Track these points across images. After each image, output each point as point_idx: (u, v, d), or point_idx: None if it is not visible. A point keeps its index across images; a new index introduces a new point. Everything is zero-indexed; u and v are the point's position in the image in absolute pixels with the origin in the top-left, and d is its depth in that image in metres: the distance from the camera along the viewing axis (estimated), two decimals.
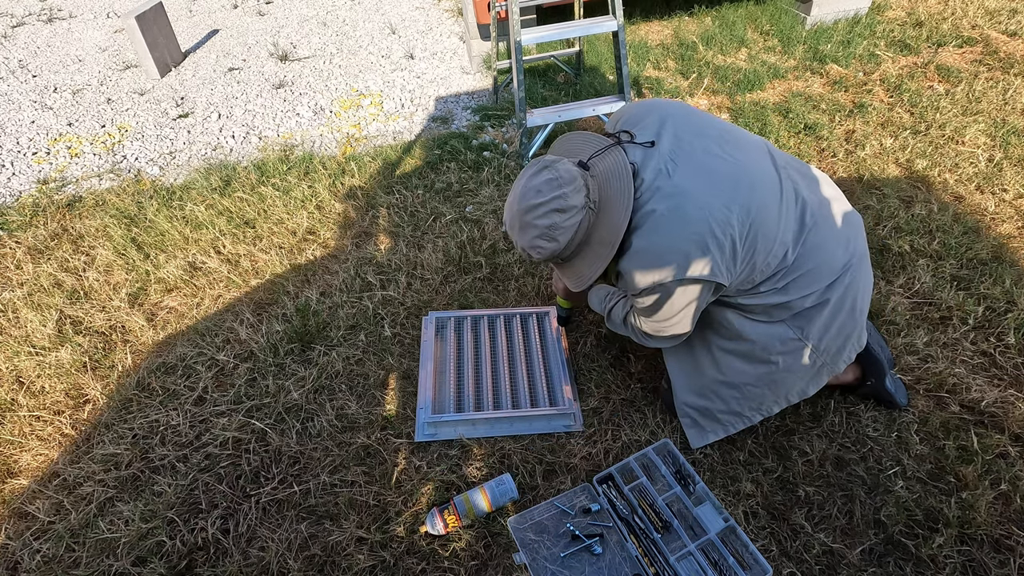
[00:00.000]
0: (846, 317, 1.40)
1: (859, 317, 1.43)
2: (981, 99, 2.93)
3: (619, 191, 1.24)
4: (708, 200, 1.22)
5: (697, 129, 1.30)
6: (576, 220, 1.24)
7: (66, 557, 1.50)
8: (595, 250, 1.28)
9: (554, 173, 1.23)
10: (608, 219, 1.25)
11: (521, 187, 1.27)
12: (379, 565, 1.44)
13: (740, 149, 1.30)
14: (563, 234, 1.25)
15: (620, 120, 1.39)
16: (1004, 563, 1.36)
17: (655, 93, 3.29)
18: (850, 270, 1.38)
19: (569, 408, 1.71)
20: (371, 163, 2.94)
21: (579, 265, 1.33)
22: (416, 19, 4.76)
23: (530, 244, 1.27)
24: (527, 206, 1.24)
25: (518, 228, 1.28)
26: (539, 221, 1.24)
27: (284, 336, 2.03)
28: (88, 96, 3.92)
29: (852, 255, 1.39)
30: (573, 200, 1.23)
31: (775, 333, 1.41)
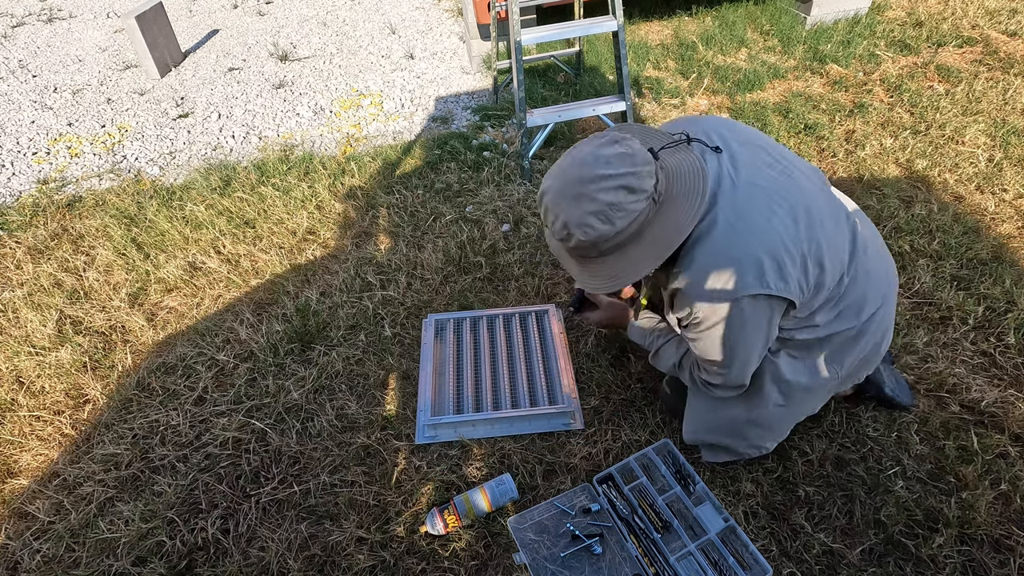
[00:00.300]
0: (872, 351, 1.36)
1: (882, 351, 1.40)
2: (981, 99, 2.93)
3: (689, 190, 1.09)
4: (774, 211, 1.11)
5: (754, 142, 1.22)
6: (640, 207, 1.06)
7: (66, 557, 1.50)
8: (645, 249, 1.10)
9: (628, 148, 1.07)
10: (670, 217, 1.09)
11: (585, 153, 1.08)
12: (379, 565, 1.44)
13: (794, 166, 1.23)
14: (623, 218, 1.06)
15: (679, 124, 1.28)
16: (1004, 563, 1.36)
17: (655, 93, 3.29)
18: (887, 302, 1.34)
19: (569, 406, 1.71)
20: (371, 163, 2.94)
21: (618, 263, 1.13)
22: (416, 19, 4.76)
23: (579, 220, 1.07)
24: (592, 175, 1.05)
25: (570, 198, 1.07)
26: (602, 195, 1.04)
27: (284, 336, 2.03)
28: (88, 96, 3.92)
29: (890, 286, 1.35)
30: (645, 183, 1.06)
31: (814, 369, 1.34)
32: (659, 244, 1.10)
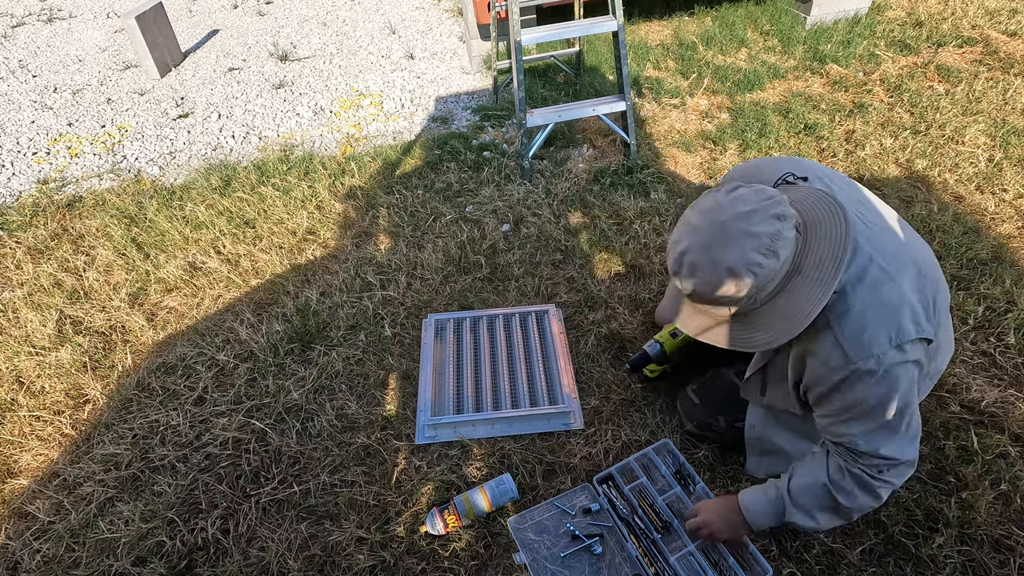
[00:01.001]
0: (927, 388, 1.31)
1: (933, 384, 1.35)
2: (981, 99, 2.93)
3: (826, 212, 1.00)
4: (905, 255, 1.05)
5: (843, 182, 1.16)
6: (793, 235, 0.97)
7: (66, 557, 1.50)
8: (810, 279, 0.98)
9: (751, 187, 0.99)
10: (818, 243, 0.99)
11: (711, 204, 1.00)
12: (379, 565, 1.44)
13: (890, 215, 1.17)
14: (784, 247, 0.96)
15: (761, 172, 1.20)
16: (1004, 563, 1.36)
17: (655, 93, 3.29)
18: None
19: (568, 406, 1.71)
20: (371, 163, 2.94)
21: (768, 319, 1.01)
22: (416, 19, 4.76)
23: (744, 260, 0.95)
24: (737, 213, 0.96)
25: (721, 245, 0.96)
26: (757, 228, 0.94)
27: (284, 336, 2.03)
28: (88, 96, 3.92)
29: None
30: (787, 209, 0.97)
31: None
32: (824, 267, 0.97)
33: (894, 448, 1.05)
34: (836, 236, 0.98)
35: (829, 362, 1.02)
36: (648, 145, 2.90)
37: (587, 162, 2.82)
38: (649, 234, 2.33)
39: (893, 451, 1.05)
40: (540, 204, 2.55)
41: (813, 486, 1.14)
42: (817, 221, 1.00)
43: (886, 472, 1.07)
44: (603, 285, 2.15)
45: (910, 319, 1.00)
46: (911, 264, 1.06)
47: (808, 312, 0.98)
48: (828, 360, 1.02)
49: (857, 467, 1.08)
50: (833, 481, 1.11)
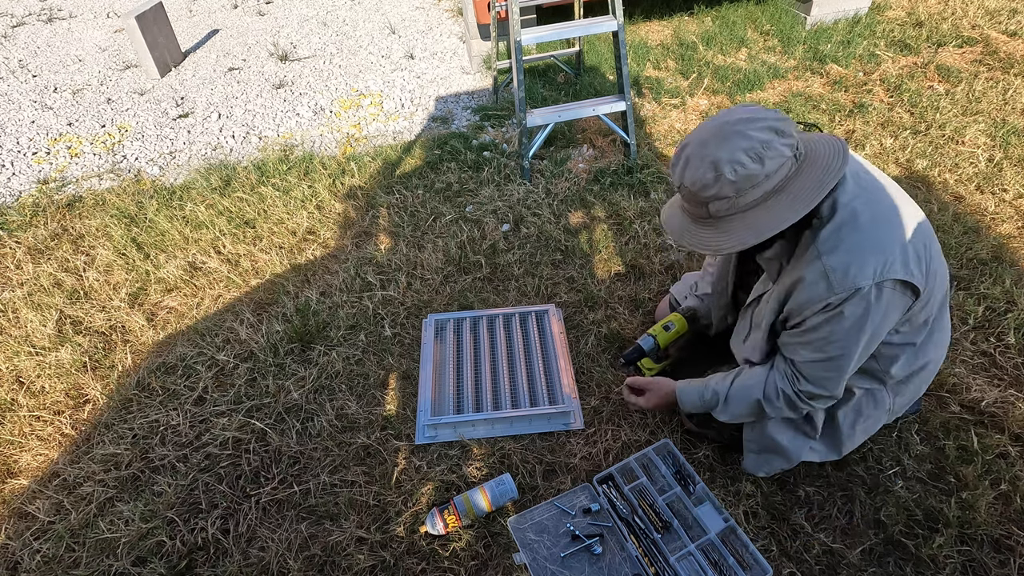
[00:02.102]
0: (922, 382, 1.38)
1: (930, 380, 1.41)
2: (981, 99, 2.93)
3: (829, 152, 1.08)
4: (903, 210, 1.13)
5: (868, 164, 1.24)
6: (788, 154, 1.05)
7: (66, 557, 1.50)
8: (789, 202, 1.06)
9: (762, 109, 1.08)
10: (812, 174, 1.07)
11: (724, 112, 1.10)
12: (379, 565, 1.45)
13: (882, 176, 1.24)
14: (773, 159, 1.04)
15: None
16: (1004, 563, 1.36)
17: (655, 93, 3.29)
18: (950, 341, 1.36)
19: (569, 406, 1.71)
20: (371, 163, 2.94)
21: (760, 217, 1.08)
22: (416, 19, 4.76)
23: (730, 157, 1.04)
24: (740, 118, 1.06)
25: (718, 139, 1.06)
26: (753, 132, 1.04)
27: (284, 336, 2.03)
28: (88, 96, 3.92)
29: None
30: (790, 128, 1.06)
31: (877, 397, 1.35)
32: (802, 199, 1.06)
33: (831, 385, 1.20)
34: (829, 168, 1.06)
35: (813, 291, 1.11)
36: (648, 145, 2.90)
37: (587, 162, 2.82)
38: (649, 234, 2.33)
39: (829, 388, 1.21)
40: (540, 204, 2.55)
41: (747, 399, 1.32)
42: (816, 155, 1.08)
43: (815, 401, 1.24)
44: (603, 285, 2.15)
45: (899, 259, 1.07)
46: (911, 219, 1.12)
47: (772, 228, 1.06)
48: (812, 289, 1.11)
49: (793, 389, 1.24)
50: (767, 398, 1.28)
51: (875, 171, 1.22)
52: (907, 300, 1.14)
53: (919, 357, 1.31)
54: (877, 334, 1.16)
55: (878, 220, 1.09)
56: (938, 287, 1.21)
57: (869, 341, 1.15)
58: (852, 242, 1.08)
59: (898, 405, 1.40)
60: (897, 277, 1.07)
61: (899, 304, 1.13)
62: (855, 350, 1.16)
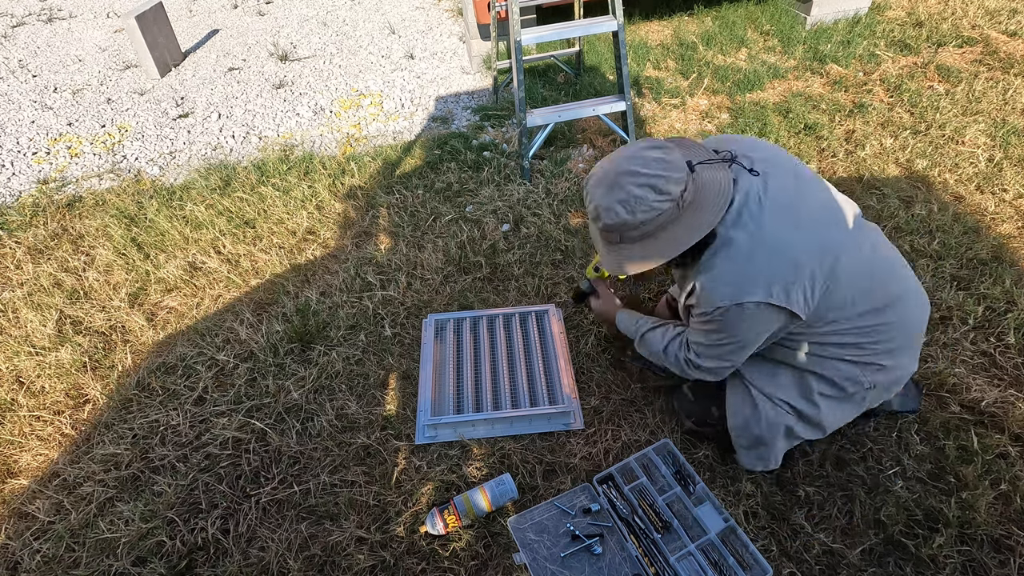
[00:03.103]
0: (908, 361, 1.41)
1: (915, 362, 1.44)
2: (981, 99, 2.93)
3: (712, 203, 1.22)
4: (792, 237, 1.22)
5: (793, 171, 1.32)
6: (663, 207, 1.21)
7: (66, 557, 1.50)
8: (659, 245, 1.26)
9: (666, 155, 1.22)
10: (687, 224, 1.23)
11: (631, 152, 1.25)
12: (379, 565, 1.45)
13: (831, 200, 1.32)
14: (644, 213, 1.22)
15: (725, 141, 1.39)
16: (1004, 563, 1.36)
17: (655, 93, 3.29)
18: (922, 326, 1.40)
19: (569, 406, 1.71)
20: (371, 163, 2.94)
21: (632, 251, 1.30)
22: (416, 19, 4.76)
23: (608, 205, 1.24)
24: (629, 169, 1.22)
25: (607, 184, 1.24)
26: (632, 188, 1.21)
27: (284, 336, 2.03)
28: (88, 96, 3.92)
29: (924, 310, 1.40)
30: (671, 187, 1.20)
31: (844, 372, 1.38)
32: (674, 243, 1.24)
33: (708, 362, 1.40)
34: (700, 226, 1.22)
35: (699, 297, 1.32)
36: None
37: (587, 162, 2.82)
38: None
39: (707, 364, 1.40)
40: (540, 204, 2.55)
41: (654, 345, 1.54)
42: (702, 203, 1.23)
43: (698, 371, 1.44)
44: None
45: (761, 287, 1.22)
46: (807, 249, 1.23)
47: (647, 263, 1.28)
48: (698, 295, 1.31)
49: (684, 356, 1.45)
50: (666, 352, 1.50)
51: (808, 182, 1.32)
52: (779, 317, 1.26)
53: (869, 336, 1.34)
54: (748, 339, 1.31)
55: (754, 253, 1.22)
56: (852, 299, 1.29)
57: (742, 343, 1.32)
58: (721, 269, 1.25)
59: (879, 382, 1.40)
60: (755, 300, 1.22)
61: (767, 319, 1.26)
62: (731, 347, 1.33)
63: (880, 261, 1.35)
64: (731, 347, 1.34)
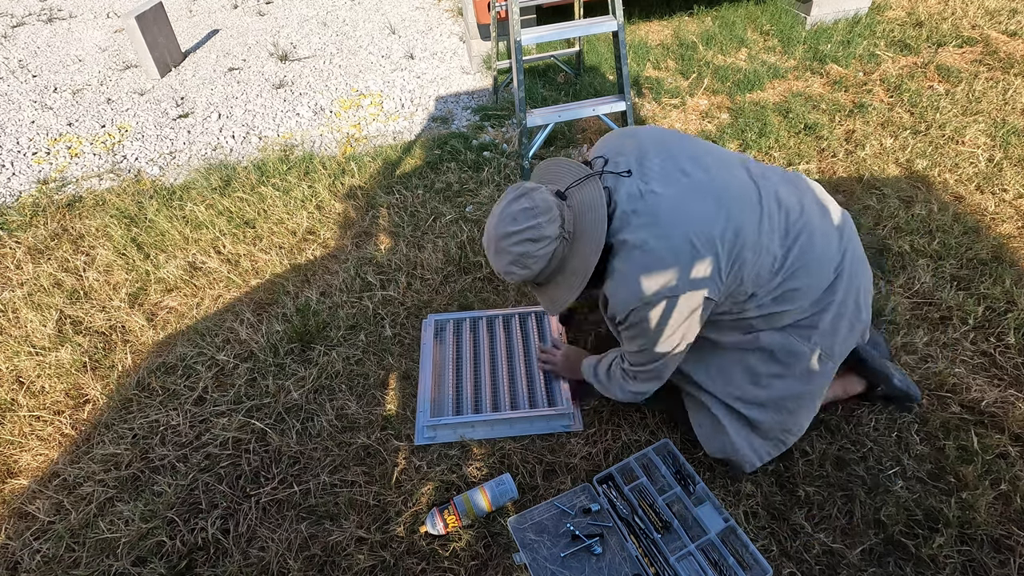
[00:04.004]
0: (851, 315, 1.40)
1: (865, 315, 1.43)
2: (981, 99, 2.93)
3: (592, 223, 1.26)
4: (685, 217, 1.24)
5: (671, 151, 1.32)
6: (549, 250, 1.26)
7: (66, 557, 1.50)
8: (568, 279, 1.31)
9: (530, 202, 1.26)
10: (581, 249, 1.27)
11: (499, 212, 1.29)
12: (379, 565, 1.45)
13: (715, 165, 1.32)
14: (536, 263, 1.27)
15: (599, 148, 1.41)
16: (1004, 563, 1.36)
17: (655, 93, 3.29)
18: (844, 271, 1.37)
19: (568, 408, 1.71)
20: (371, 163, 2.94)
21: (552, 291, 1.36)
22: (416, 19, 4.76)
23: (504, 269, 1.31)
24: (502, 233, 1.27)
25: (493, 252, 1.32)
26: (513, 248, 1.26)
27: (284, 336, 2.03)
28: (88, 96, 3.92)
29: (844, 254, 1.38)
30: (547, 230, 1.25)
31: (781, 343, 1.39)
32: (576, 274, 1.29)
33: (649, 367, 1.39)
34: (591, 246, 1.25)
35: (612, 307, 1.34)
36: None
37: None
38: None
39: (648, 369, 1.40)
40: None
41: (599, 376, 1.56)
42: (584, 230, 1.27)
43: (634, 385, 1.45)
44: None
45: (662, 280, 1.23)
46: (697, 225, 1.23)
47: (566, 299, 1.32)
48: (611, 306, 1.34)
49: (622, 367, 1.47)
50: (610, 377, 1.51)
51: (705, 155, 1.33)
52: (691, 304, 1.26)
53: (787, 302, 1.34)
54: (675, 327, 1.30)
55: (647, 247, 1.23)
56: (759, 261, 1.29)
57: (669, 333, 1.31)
58: (621, 272, 1.27)
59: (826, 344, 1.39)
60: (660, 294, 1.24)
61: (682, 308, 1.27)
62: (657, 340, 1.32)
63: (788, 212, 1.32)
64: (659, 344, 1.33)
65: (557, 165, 1.41)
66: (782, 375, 1.42)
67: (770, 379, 1.43)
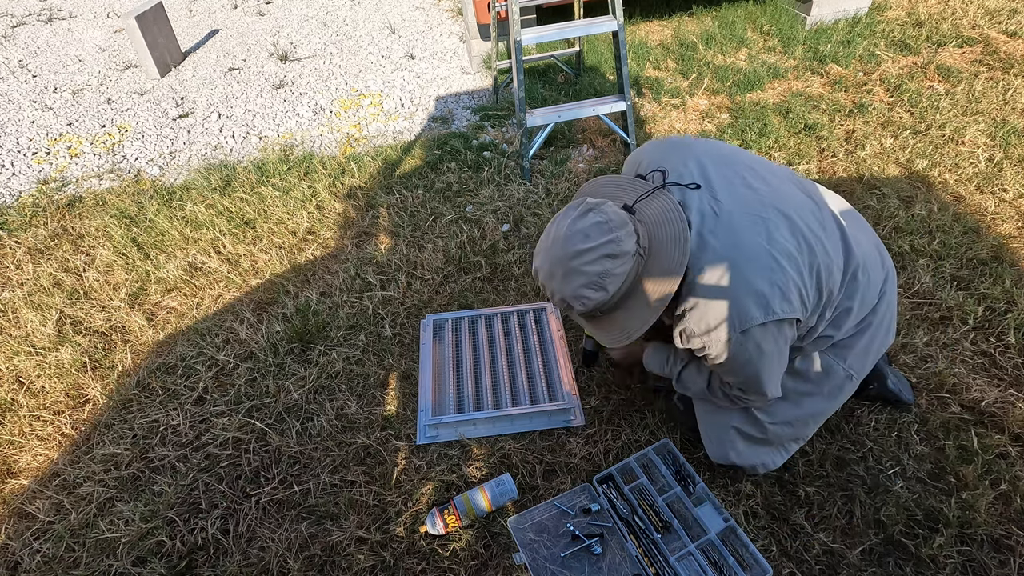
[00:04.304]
0: (883, 336, 1.40)
1: (892, 336, 1.43)
2: (981, 99, 2.93)
3: (673, 238, 1.13)
4: (763, 232, 1.14)
5: (728, 161, 1.24)
6: (627, 268, 1.12)
7: (66, 557, 1.50)
8: (643, 301, 1.16)
9: (602, 216, 1.12)
10: (659, 267, 1.14)
11: (565, 230, 1.13)
12: (379, 565, 1.45)
13: (773, 178, 1.25)
14: (613, 282, 1.13)
15: (645, 161, 1.30)
16: (1004, 563, 1.36)
17: (655, 93, 3.29)
18: (887, 292, 1.37)
19: (569, 403, 1.71)
20: (371, 163, 2.94)
21: (622, 318, 1.20)
22: (416, 19, 4.76)
23: (575, 294, 1.14)
24: (574, 251, 1.11)
25: (560, 276, 1.14)
26: (588, 268, 1.11)
27: (284, 336, 2.03)
28: (88, 96, 3.92)
29: (887, 272, 1.38)
30: (625, 245, 1.11)
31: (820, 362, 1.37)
32: (656, 294, 1.15)
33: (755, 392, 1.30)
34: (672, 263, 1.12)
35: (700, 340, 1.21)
36: None
37: (587, 162, 2.82)
38: None
39: (755, 393, 1.30)
40: (540, 204, 2.55)
41: (696, 382, 1.43)
42: (663, 245, 1.14)
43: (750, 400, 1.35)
44: None
45: (755, 305, 1.12)
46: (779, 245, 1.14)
47: (636, 330, 1.18)
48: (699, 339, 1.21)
49: (729, 392, 1.36)
50: (711, 390, 1.41)
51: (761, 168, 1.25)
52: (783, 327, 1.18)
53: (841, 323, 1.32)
54: (774, 355, 1.21)
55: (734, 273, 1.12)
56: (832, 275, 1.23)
57: (770, 362, 1.22)
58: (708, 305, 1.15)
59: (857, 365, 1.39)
60: (758, 323, 1.13)
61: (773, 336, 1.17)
62: (760, 372, 1.23)
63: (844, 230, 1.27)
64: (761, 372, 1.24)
65: (610, 180, 1.29)
66: (811, 393, 1.40)
67: (799, 397, 1.40)
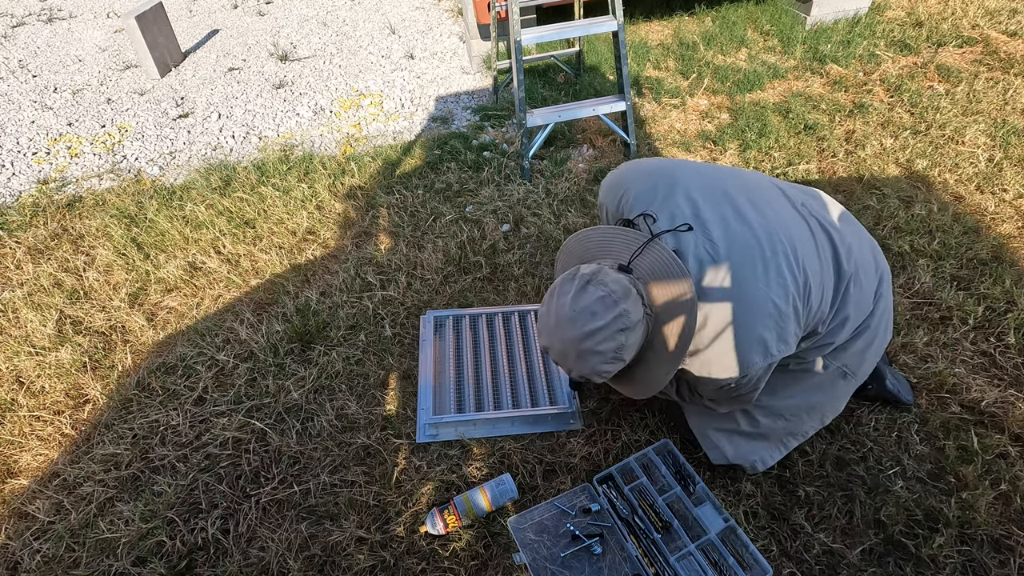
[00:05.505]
0: (882, 336, 1.42)
1: (889, 335, 1.45)
2: (981, 99, 2.93)
3: (678, 293, 1.13)
4: (761, 273, 1.14)
5: (715, 189, 1.23)
6: (640, 335, 1.13)
7: (66, 557, 1.50)
8: (660, 355, 1.18)
9: (603, 289, 1.09)
10: (670, 322, 1.14)
11: (568, 309, 1.10)
12: (379, 565, 1.45)
13: (762, 202, 1.25)
14: (629, 352, 1.13)
15: (631, 195, 1.27)
16: (1004, 563, 1.36)
17: (655, 93, 3.29)
18: (883, 294, 1.38)
19: (570, 406, 1.71)
20: (371, 163, 2.94)
21: (642, 373, 1.22)
22: (416, 19, 4.76)
23: (593, 371, 1.14)
24: (584, 332, 1.09)
25: (574, 357, 1.13)
26: (603, 346, 1.10)
27: (284, 336, 2.03)
28: (88, 96, 3.92)
29: (881, 274, 1.39)
30: (635, 315, 1.10)
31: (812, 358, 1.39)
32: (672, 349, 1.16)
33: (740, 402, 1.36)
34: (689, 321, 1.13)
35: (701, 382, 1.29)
36: (648, 145, 2.90)
37: (587, 162, 2.82)
38: None
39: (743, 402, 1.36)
40: (540, 204, 2.55)
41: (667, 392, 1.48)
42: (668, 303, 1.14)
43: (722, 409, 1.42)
44: None
45: (757, 352, 1.16)
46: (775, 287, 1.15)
47: (659, 383, 1.22)
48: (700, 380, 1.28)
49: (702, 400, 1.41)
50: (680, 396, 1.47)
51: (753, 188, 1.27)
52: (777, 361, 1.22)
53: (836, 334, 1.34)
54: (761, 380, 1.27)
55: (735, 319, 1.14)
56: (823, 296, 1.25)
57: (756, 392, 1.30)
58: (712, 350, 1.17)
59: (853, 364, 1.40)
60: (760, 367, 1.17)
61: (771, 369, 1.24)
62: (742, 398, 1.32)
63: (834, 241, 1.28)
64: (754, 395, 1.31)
65: (595, 234, 1.25)
66: (801, 383, 1.43)
67: (788, 388, 1.43)
